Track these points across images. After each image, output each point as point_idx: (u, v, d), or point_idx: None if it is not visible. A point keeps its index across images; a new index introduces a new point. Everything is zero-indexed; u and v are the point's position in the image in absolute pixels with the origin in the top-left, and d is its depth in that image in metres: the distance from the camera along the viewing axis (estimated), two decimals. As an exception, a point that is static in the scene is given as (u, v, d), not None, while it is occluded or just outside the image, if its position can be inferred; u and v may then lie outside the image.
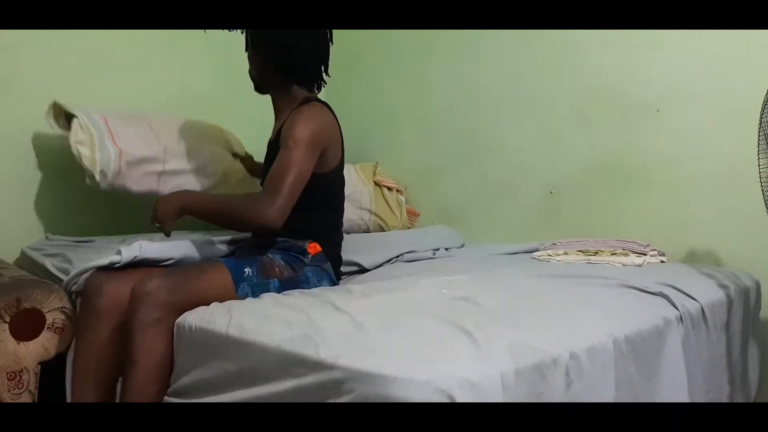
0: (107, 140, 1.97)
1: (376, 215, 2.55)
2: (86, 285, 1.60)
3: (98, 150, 1.95)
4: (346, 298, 1.44)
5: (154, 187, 2.05)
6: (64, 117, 2.06)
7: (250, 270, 1.60)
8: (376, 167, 2.72)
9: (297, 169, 1.63)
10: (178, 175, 2.09)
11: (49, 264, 1.89)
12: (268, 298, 1.49)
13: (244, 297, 1.56)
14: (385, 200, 2.62)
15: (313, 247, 1.75)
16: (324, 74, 1.87)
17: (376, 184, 2.64)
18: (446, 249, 2.31)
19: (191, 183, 2.11)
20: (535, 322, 1.26)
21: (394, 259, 2.09)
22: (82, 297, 1.60)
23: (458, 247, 2.39)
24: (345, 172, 1.90)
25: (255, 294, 1.57)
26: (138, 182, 2.02)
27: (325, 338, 1.17)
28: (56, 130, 2.06)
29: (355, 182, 2.55)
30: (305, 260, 1.73)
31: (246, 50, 1.85)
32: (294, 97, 1.82)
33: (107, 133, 1.98)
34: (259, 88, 1.87)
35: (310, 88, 1.85)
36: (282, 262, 1.68)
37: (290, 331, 1.23)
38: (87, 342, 1.56)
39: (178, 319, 1.44)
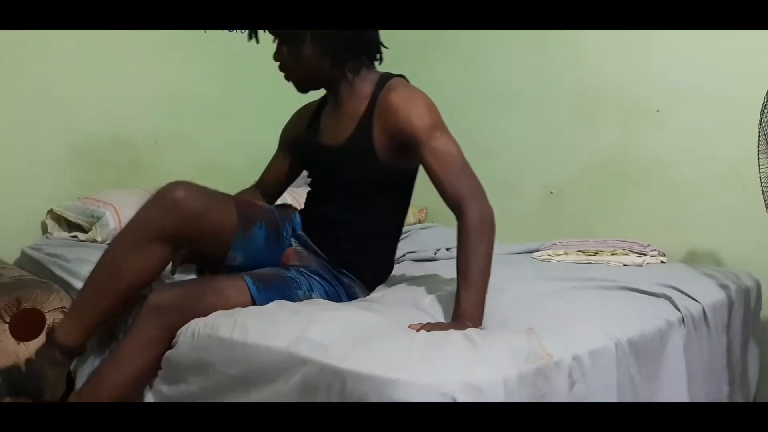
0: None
1: None
2: (166, 188, 1.46)
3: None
4: (351, 302, 1.43)
5: None
6: (65, 221, 2.15)
7: None
8: None
9: (461, 154, 1.44)
10: None
11: (49, 264, 1.89)
12: (273, 303, 1.45)
13: None
14: None
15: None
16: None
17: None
18: (447, 249, 2.30)
19: None
20: (538, 325, 1.26)
21: (401, 258, 2.09)
22: (155, 197, 1.45)
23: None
24: None
25: None
26: None
27: (329, 341, 1.17)
28: (58, 235, 2.13)
29: None
30: (346, 301, 1.56)
31: (283, 52, 1.55)
32: (367, 80, 1.55)
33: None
34: (309, 87, 1.60)
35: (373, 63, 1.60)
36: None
37: (295, 334, 1.22)
38: (126, 252, 1.44)
39: (181, 328, 1.41)
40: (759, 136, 1.53)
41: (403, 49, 2.81)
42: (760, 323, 1.91)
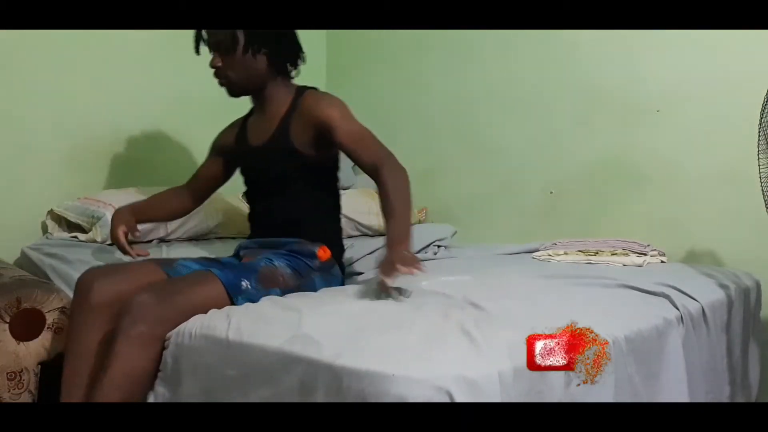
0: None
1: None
2: (79, 282, 1.55)
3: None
4: (345, 298, 1.44)
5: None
6: (65, 221, 2.14)
7: (248, 283, 1.52)
8: None
9: (371, 132, 1.64)
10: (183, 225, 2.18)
11: (48, 264, 1.89)
12: (267, 301, 1.47)
13: None
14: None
15: (324, 252, 1.67)
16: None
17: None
18: (442, 246, 2.29)
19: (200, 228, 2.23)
20: (534, 322, 1.26)
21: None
22: (75, 294, 1.56)
23: (451, 236, 2.38)
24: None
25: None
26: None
27: (324, 337, 1.17)
28: (58, 235, 2.12)
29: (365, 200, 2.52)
30: (313, 265, 1.65)
31: (219, 57, 1.72)
32: (287, 89, 1.76)
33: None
34: (241, 92, 1.76)
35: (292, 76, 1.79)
36: (288, 270, 1.60)
37: (290, 332, 1.23)
38: (78, 341, 1.51)
39: (176, 329, 1.41)
40: (759, 135, 1.54)
41: (403, 49, 2.83)
42: (760, 323, 1.91)
